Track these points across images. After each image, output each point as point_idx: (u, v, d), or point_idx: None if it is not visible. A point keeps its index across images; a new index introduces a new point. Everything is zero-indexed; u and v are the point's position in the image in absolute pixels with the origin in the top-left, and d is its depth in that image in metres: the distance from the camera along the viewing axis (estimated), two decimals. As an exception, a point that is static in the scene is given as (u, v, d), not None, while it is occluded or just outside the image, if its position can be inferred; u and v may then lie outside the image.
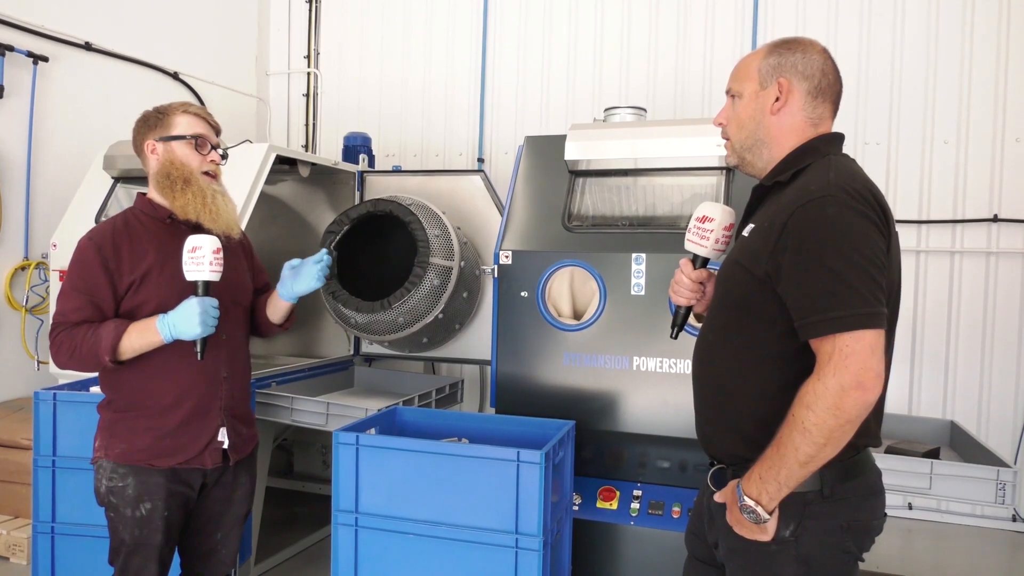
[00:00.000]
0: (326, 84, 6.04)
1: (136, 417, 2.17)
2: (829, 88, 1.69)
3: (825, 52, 1.71)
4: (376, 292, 3.60)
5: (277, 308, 2.47)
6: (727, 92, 1.79)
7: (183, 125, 2.23)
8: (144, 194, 2.28)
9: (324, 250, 2.44)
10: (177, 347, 2.12)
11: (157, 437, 2.15)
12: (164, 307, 2.13)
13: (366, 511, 2.48)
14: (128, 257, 2.14)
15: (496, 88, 5.54)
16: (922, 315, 4.60)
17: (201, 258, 2.06)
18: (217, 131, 2.32)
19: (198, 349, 2.11)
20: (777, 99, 1.68)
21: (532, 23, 5.45)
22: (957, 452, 2.95)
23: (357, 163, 4.43)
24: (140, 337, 2.08)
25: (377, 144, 5.13)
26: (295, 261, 2.44)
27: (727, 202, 2.91)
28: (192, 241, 2.08)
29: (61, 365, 2.11)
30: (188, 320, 2.05)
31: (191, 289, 2.12)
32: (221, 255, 2.10)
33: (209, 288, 2.11)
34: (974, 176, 4.53)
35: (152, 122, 2.24)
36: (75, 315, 2.09)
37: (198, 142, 2.23)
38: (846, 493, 1.56)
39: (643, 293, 2.88)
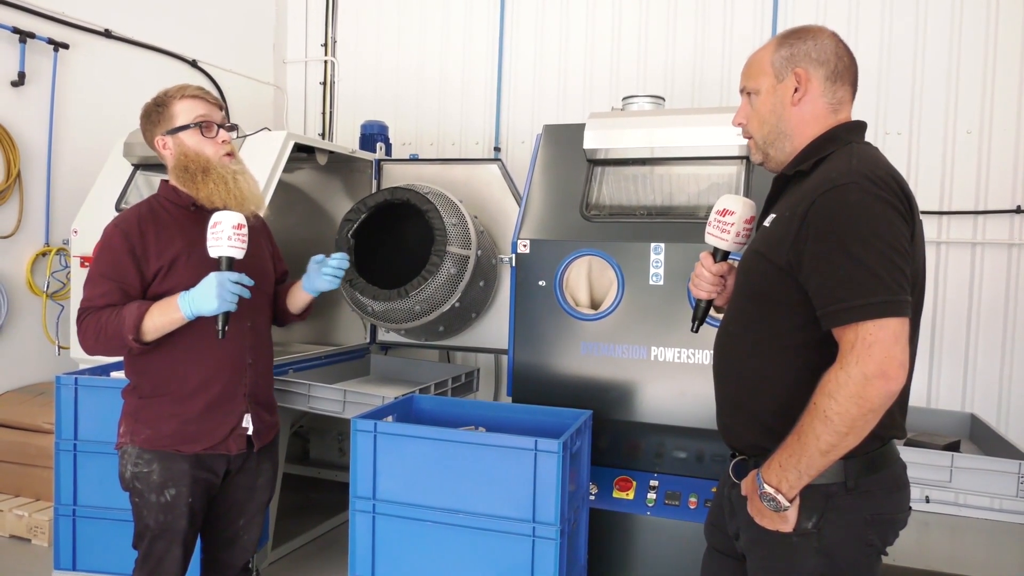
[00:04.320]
0: (343, 72, 6.04)
1: (161, 403, 2.17)
2: (846, 70, 1.67)
3: (835, 35, 1.69)
4: (393, 280, 3.61)
5: (297, 299, 2.47)
6: (741, 91, 1.77)
7: (183, 113, 2.19)
8: (167, 181, 2.27)
9: (343, 254, 2.39)
10: (202, 332, 2.12)
11: (182, 423, 2.16)
12: None
13: (383, 498, 2.49)
14: (155, 243, 2.14)
15: (513, 76, 5.52)
16: (942, 307, 4.56)
17: (220, 233, 2.04)
18: (219, 107, 2.28)
19: (219, 327, 2.07)
20: (796, 90, 1.66)
21: (549, 10, 5.42)
22: (977, 445, 2.93)
23: (374, 151, 4.43)
24: (162, 315, 2.06)
25: (393, 132, 5.13)
26: (319, 257, 2.40)
27: (747, 192, 2.89)
28: (215, 217, 2.06)
29: (88, 350, 2.11)
30: (206, 294, 2.03)
31: None
32: (244, 231, 2.07)
33: (232, 264, 2.08)
34: (997, 167, 4.47)
35: (154, 118, 2.22)
36: (102, 300, 2.08)
37: (203, 127, 2.20)
38: (870, 486, 1.55)
39: (661, 283, 2.87)
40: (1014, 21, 4.41)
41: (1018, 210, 4.40)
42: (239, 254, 2.08)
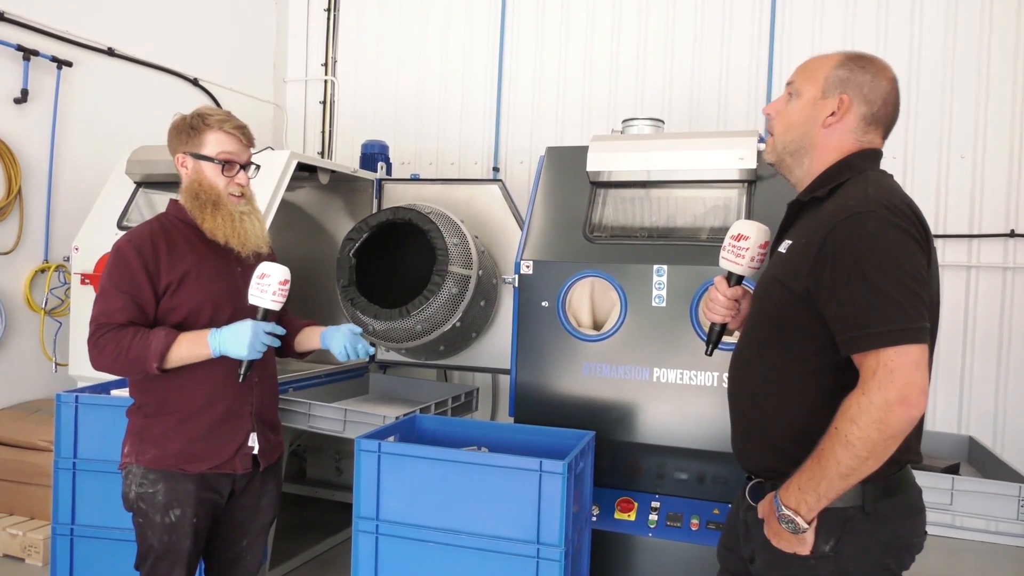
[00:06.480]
0: (342, 91, 6.08)
1: (167, 421, 2.17)
2: (886, 117, 1.69)
3: (894, 80, 1.69)
4: (393, 300, 3.62)
5: (308, 342, 2.50)
6: (788, 83, 1.76)
7: (212, 144, 2.21)
8: (177, 200, 2.29)
9: (371, 348, 2.41)
10: None
11: (188, 441, 2.16)
12: (197, 312, 2.16)
13: (387, 519, 2.48)
14: (166, 260, 2.15)
15: (512, 97, 5.57)
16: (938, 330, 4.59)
17: (266, 286, 2.10)
18: (250, 144, 2.31)
19: (241, 371, 2.13)
20: (833, 114, 1.67)
21: (549, 33, 5.48)
22: (975, 468, 2.94)
23: (375, 171, 4.45)
24: (190, 348, 2.10)
25: (393, 152, 5.16)
26: (359, 330, 2.42)
27: (749, 215, 2.92)
28: (263, 268, 2.12)
29: (102, 367, 2.11)
30: (239, 340, 2.08)
31: (224, 296, 2.15)
32: (287, 287, 2.13)
33: (267, 316, 2.14)
34: (991, 191, 4.53)
35: (184, 136, 2.24)
36: (119, 315, 2.09)
37: (225, 166, 2.22)
38: (887, 510, 1.56)
39: (664, 304, 2.89)
40: (1007, 47, 4.49)
41: (1012, 234, 4.45)
42: (277, 308, 2.14)
